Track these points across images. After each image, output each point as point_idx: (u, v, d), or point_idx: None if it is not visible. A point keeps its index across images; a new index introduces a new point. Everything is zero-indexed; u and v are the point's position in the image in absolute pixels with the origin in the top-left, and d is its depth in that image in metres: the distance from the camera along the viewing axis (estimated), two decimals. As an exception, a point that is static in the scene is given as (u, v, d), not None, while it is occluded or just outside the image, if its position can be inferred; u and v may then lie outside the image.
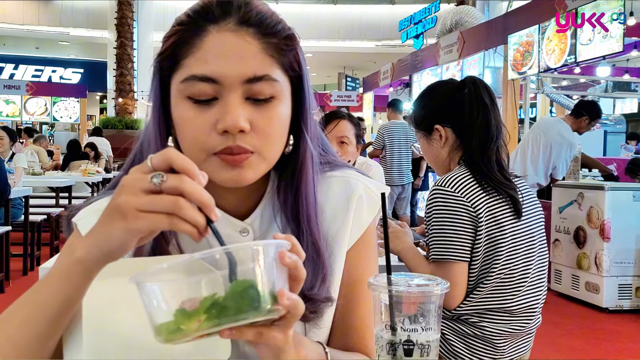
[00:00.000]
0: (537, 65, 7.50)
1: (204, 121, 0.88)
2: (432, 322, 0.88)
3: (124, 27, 19.49)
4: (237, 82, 0.87)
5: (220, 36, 0.88)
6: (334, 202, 1.04)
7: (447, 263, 1.96)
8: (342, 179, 1.06)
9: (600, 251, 5.45)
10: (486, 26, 9.94)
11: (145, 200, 0.71)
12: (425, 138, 2.18)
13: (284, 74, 0.92)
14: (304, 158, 0.98)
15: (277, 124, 0.91)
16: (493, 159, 2.02)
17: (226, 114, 0.86)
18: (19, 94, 18.29)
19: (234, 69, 0.87)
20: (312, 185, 0.99)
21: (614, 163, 8.21)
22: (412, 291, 0.87)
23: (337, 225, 1.03)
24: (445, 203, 1.96)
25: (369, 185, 1.07)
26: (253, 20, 0.89)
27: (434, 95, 2.20)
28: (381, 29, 21.04)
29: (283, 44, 0.92)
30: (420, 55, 12.49)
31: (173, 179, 0.71)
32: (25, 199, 6.36)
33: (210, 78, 0.87)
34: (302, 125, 0.98)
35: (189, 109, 0.89)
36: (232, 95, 0.87)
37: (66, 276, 0.79)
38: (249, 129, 0.87)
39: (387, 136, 7.73)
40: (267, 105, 0.90)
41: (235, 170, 0.89)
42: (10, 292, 5.58)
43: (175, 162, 0.72)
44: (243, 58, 0.88)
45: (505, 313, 1.98)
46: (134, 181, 0.72)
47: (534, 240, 2.03)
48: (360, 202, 1.05)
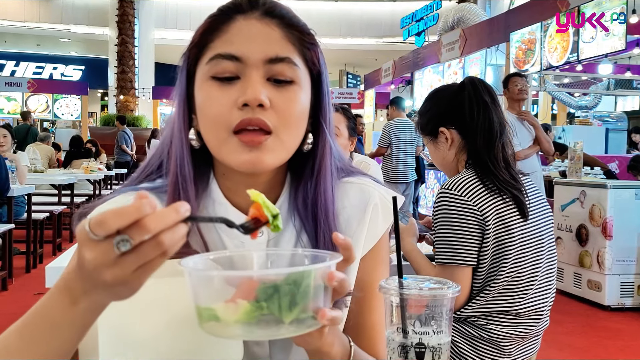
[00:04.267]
0: (540, 63, 7.50)
1: (226, 99, 0.91)
2: (443, 325, 0.88)
3: (125, 24, 19.50)
4: (260, 61, 0.92)
5: (247, 22, 0.94)
6: (350, 208, 1.05)
7: (452, 266, 1.96)
8: (359, 186, 1.07)
9: (602, 249, 5.46)
10: (488, 24, 9.94)
11: (130, 263, 0.66)
12: (432, 142, 2.20)
13: (305, 64, 0.97)
14: (323, 153, 1.01)
15: (296, 107, 0.94)
16: (499, 156, 2.03)
17: (247, 88, 0.90)
18: (20, 91, 18.31)
19: (258, 49, 0.92)
20: (331, 182, 1.01)
21: (616, 161, 8.22)
22: (423, 294, 0.88)
23: (352, 231, 1.04)
24: (452, 206, 1.96)
25: (384, 194, 1.07)
26: (277, 12, 0.96)
27: (436, 99, 2.22)
28: (382, 26, 21.03)
29: (305, 37, 0.98)
30: (422, 53, 12.49)
31: (138, 234, 0.64)
32: (28, 196, 6.37)
33: (234, 56, 0.92)
34: (321, 120, 1.01)
35: (213, 88, 0.93)
36: (254, 72, 0.91)
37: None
38: (268, 104, 0.91)
39: (394, 134, 7.72)
40: (287, 87, 0.93)
41: (253, 152, 0.91)
42: (13, 290, 5.59)
43: (116, 226, 0.64)
44: (267, 41, 0.93)
45: (512, 316, 1.98)
46: (102, 255, 0.65)
47: (543, 242, 2.03)
48: (375, 211, 1.06)
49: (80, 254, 0.67)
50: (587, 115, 11.74)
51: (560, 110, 13.17)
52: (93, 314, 0.74)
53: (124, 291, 0.70)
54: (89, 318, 0.74)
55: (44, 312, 0.75)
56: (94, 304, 0.73)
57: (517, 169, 2.07)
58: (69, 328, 0.75)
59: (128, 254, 0.65)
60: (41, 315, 0.75)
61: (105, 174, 9.93)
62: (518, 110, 5.51)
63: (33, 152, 9.58)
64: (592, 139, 9.22)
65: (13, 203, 5.94)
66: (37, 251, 6.80)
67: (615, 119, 11.67)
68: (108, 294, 0.70)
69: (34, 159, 9.25)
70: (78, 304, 0.72)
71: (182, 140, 0.97)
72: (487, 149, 2.03)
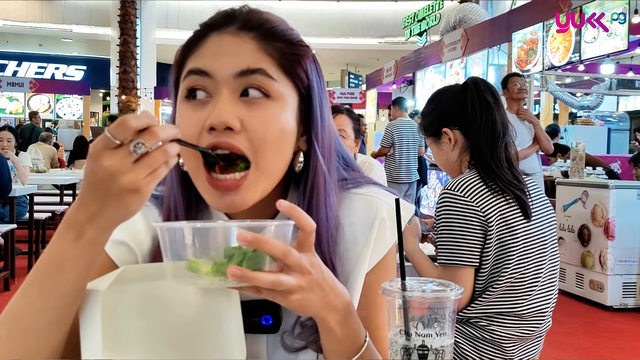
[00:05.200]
0: (542, 63, 7.50)
1: (196, 120, 0.87)
2: (446, 327, 0.88)
3: (127, 24, 19.49)
4: (230, 75, 0.87)
5: (219, 38, 0.90)
6: (356, 223, 1.01)
7: (454, 267, 1.96)
8: (366, 198, 1.02)
9: (604, 249, 5.45)
10: (490, 24, 9.94)
11: (144, 167, 0.73)
12: (435, 143, 2.20)
13: (286, 77, 0.91)
14: (314, 175, 0.95)
15: (272, 127, 0.88)
16: (502, 156, 2.03)
17: (213, 110, 0.86)
18: (23, 91, 18.31)
19: (227, 62, 0.87)
20: (325, 204, 0.96)
21: (618, 161, 8.21)
22: (426, 296, 0.88)
23: (359, 247, 1.01)
24: (455, 207, 1.96)
25: (392, 206, 1.01)
26: (253, 24, 0.90)
27: (439, 100, 2.22)
28: (384, 26, 21.02)
29: (287, 48, 0.91)
30: (423, 53, 12.49)
31: (150, 138, 0.72)
32: (30, 196, 6.37)
33: (202, 70, 0.88)
34: (313, 140, 0.94)
35: (186, 109, 0.89)
36: (224, 90, 0.87)
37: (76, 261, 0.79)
38: (238, 127, 0.85)
39: (397, 134, 7.72)
40: (261, 104, 0.88)
41: (229, 196, 0.88)
42: (15, 290, 5.52)
43: (135, 125, 0.72)
44: (237, 54, 0.88)
45: (515, 317, 1.98)
46: (120, 161, 0.72)
47: (546, 242, 2.03)
48: (383, 225, 1.01)
49: (95, 166, 0.72)
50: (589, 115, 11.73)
51: (562, 110, 13.16)
52: (97, 246, 0.78)
53: (136, 201, 0.74)
54: (93, 251, 0.78)
55: (49, 254, 0.78)
56: (100, 230, 0.76)
57: (520, 170, 2.07)
58: (74, 264, 0.78)
59: (141, 160, 0.72)
60: (47, 258, 0.79)
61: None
62: (517, 109, 5.51)
63: (35, 152, 9.58)
64: (594, 139, 9.22)
65: (15, 203, 5.95)
66: (39, 251, 6.80)
67: (618, 119, 11.67)
68: (119, 206, 0.74)
69: (36, 159, 9.24)
70: (83, 236, 0.76)
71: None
72: (490, 149, 2.03)
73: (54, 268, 0.78)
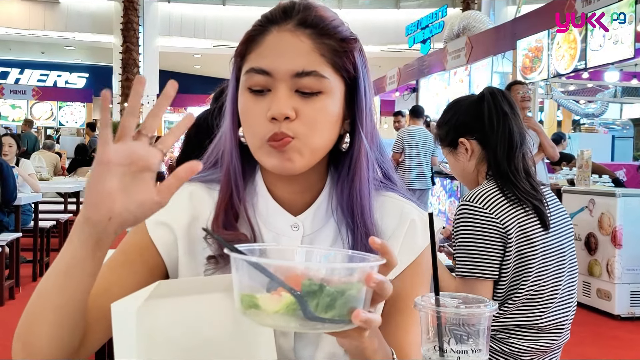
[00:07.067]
0: (547, 71, 7.49)
1: (258, 110, 0.98)
2: (481, 343, 0.87)
3: (130, 31, 19.53)
4: (287, 75, 0.96)
5: (279, 35, 0.99)
6: (386, 217, 1.08)
7: (473, 279, 1.94)
8: (396, 202, 1.11)
9: (611, 258, 5.43)
10: (494, 31, 9.95)
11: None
12: (451, 154, 2.18)
13: (336, 73, 1.00)
14: (359, 153, 1.04)
15: (322, 116, 0.99)
16: (520, 166, 2.01)
17: (273, 102, 0.96)
18: (25, 98, 18.38)
19: (286, 63, 0.97)
20: (367, 182, 1.05)
21: (624, 169, 8.19)
22: (461, 313, 0.86)
23: (387, 239, 1.04)
24: (474, 219, 1.94)
25: (423, 212, 1.09)
26: (310, 22, 0.99)
27: (455, 110, 2.20)
28: (386, 33, 21.04)
29: (338, 45, 1.00)
30: (427, 60, 12.51)
31: None
32: (35, 205, 6.36)
33: (264, 70, 0.97)
34: (357, 123, 1.04)
35: (248, 99, 0.99)
36: (282, 86, 0.97)
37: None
38: (294, 116, 0.96)
39: (407, 140, 7.70)
40: (314, 98, 0.98)
41: (283, 154, 0.97)
42: (21, 298, 5.57)
43: None
44: (295, 55, 0.97)
45: (534, 329, 1.96)
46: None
47: (564, 255, 2.01)
48: (413, 226, 1.08)
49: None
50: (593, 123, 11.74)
51: (565, 117, 13.17)
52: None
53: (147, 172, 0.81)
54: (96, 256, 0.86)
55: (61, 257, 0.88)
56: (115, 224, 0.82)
57: (537, 180, 2.05)
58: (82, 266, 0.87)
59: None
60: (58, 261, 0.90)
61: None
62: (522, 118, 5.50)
63: (38, 160, 9.57)
64: (598, 146, 9.21)
65: (20, 211, 5.93)
66: (44, 259, 6.78)
67: (621, 126, 11.66)
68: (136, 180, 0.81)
69: (39, 166, 9.23)
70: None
71: (232, 138, 1.05)
72: (508, 159, 2.01)
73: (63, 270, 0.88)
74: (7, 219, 5.91)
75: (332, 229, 1.05)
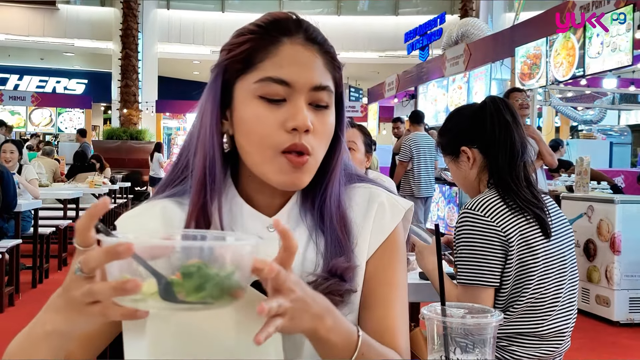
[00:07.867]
0: (545, 78, 7.52)
1: (273, 119, 0.98)
2: (487, 352, 0.88)
3: (129, 38, 19.56)
4: (306, 87, 0.99)
5: (294, 47, 1.00)
6: (355, 206, 1.11)
7: (475, 287, 1.95)
8: (366, 189, 1.13)
9: (610, 264, 5.44)
10: (493, 38, 9.98)
11: None
12: (453, 162, 2.19)
13: (334, 87, 1.05)
14: (337, 161, 1.08)
15: (329, 129, 1.03)
16: (521, 175, 2.02)
17: (297, 114, 0.97)
18: (24, 105, 18.38)
19: (306, 76, 0.99)
20: (338, 188, 1.08)
21: (622, 175, 8.21)
22: (467, 323, 0.88)
23: (358, 226, 1.08)
24: (475, 227, 1.95)
25: (395, 197, 1.12)
26: (318, 39, 1.03)
27: (457, 118, 2.22)
28: (385, 39, 21.08)
29: (336, 63, 1.05)
30: (425, 67, 12.54)
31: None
32: (34, 211, 6.36)
33: (284, 81, 0.98)
34: (339, 134, 1.08)
35: (261, 108, 0.98)
36: (301, 98, 0.99)
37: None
38: (312, 128, 0.98)
39: (415, 148, 7.64)
40: (324, 111, 1.02)
41: (296, 173, 0.99)
42: (20, 305, 5.57)
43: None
44: (313, 68, 1.00)
45: (535, 337, 1.96)
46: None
47: (566, 262, 2.02)
48: (382, 208, 1.10)
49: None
50: (591, 129, 11.76)
51: (563, 123, 13.19)
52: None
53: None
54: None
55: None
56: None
57: (538, 188, 2.06)
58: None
59: None
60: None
61: (110, 188, 9.93)
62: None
63: (38, 166, 9.57)
64: (596, 153, 9.23)
65: (20, 218, 5.94)
66: (44, 266, 6.78)
67: (619, 132, 11.69)
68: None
69: (38, 172, 9.24)
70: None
71: (213, 144, 1.02)
72: (509, 167, 2.02)
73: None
74: (6, 226, 5.91)
75: (306, 229, 1.07)
